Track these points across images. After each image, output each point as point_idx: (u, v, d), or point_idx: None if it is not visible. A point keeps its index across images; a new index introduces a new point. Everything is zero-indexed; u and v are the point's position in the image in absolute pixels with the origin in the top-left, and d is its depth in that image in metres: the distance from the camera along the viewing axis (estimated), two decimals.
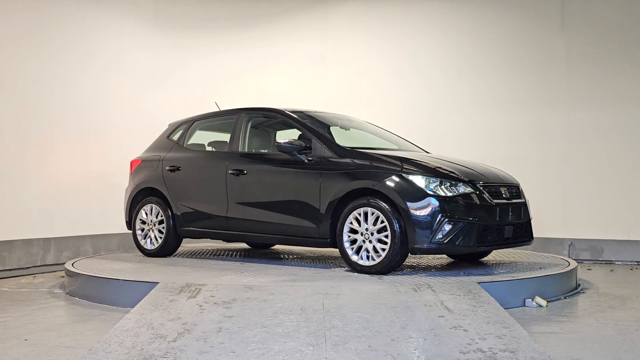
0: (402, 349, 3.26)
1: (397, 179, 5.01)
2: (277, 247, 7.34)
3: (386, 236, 4.96)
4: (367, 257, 5.07)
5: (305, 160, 5.44)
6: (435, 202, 4.88)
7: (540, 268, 5.47)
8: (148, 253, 6.38)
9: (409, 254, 5.13)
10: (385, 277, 4.97)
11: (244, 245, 7.44)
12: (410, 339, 3.41)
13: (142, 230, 6.43)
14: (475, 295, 4.27)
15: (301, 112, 6.03)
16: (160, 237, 6.30)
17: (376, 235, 5.01)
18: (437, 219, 4.86)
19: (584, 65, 7.80)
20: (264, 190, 5.68)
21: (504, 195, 5.31)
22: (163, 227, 6.28)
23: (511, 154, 7.85)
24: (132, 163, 6.73)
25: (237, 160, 5.89)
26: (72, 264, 5.83)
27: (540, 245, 7.51)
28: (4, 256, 6.60)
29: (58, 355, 3.54)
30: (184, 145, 6.42)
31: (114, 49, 7.90)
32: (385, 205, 4.96)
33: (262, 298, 4.20)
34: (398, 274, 5.11)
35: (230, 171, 5.84)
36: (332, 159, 5.35)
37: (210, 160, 6.16)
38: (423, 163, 5.20)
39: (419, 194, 4.92)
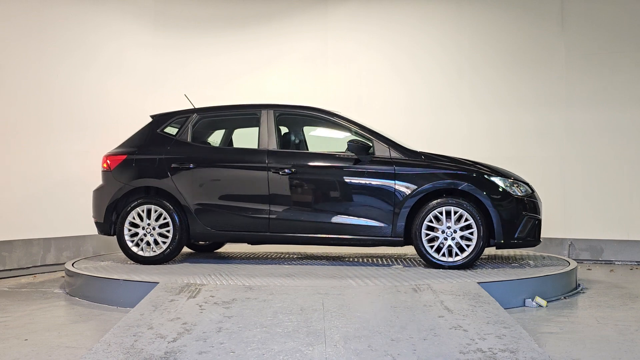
0: (402, 349, 3.26)
1: (481, 180, 5.41)
2: (250, 247, 7.29)
3: (471, 233, 5.31)
4: (449, 254, 5.35)
5: (369, 161, 5.50)
6: (516, 202, 5.40)
7: (549, 261, 5.48)
8: (146, 260, 5.73)
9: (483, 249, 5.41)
10: (386, 278, 4.97)
11: (243, 246, 7.42)
12: (410, 339, 3.41)
13: (135, 235, 5.76)
14: (475, 295, 4.27)
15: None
16: (164, 242, 5.71)
17: (459, 233, 5.33)
18: (520, 217, 5.38)
19: (584, 65, 7.80)
20: (320, 190, 5.58)
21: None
22: (167, 231, 5.71)
23: (511, 153, 7.85)
24: (110, 159, 6.02)
25: (281, 158, 5.66)
26: (72, 264, 5.83)
27: (540, 245, 7.49)
28: (4, 256, 6.60)
29: (58, 355, 3.54)
30: (189, 141, 5.93)
31: (114, 49, 7.90)
32: (470, 204, 5.31)
33: (262, 298, 4.20)
34: (398, 274, 5.11)
35: (273, 170, 5.62)
36: (402, 160, 5.50)
37: (240, 158, 5.79)
38: (488, 165, 5.62)
39: (502, 194, 5.39)
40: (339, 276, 5.06)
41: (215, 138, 6.62)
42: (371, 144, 5.57)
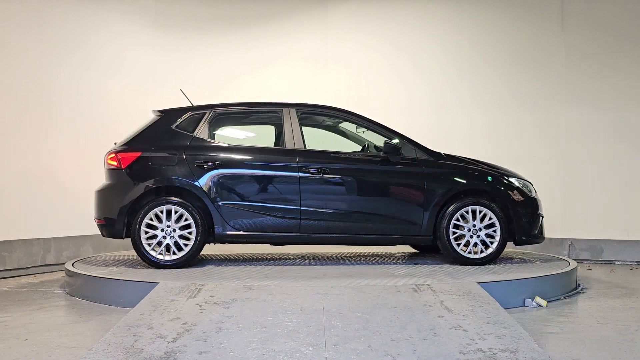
0: (402, 349, 3.26)
1: (502, 181, 5.71)
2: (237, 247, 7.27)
3: (494, 231, 5.57)
4: (474, 251, 5.58)
5: (399, 162, 5.61)
6: (531, 201, 5.75)
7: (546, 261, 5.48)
8: (167, 264, 5.38)
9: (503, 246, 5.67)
10: (386, 277, 4.97)
11: (242, 246, 7.42)
12: (410, 339, 3.41)
13: (154, 237, 5.39)
14: (475, 295, 4.27)
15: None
16: (185, 245, 5.40)
17: (484, 231, 5.57)
18: (535, 215, 5.74)
19: (583, 65, 7.81)
20: (353, 190, 5.60)
21: None
22: (189, 233, 5.40)
23: (511, 153, 7.85)
24: (121, 156, 5.57)
25: (311, 158, 5.58)
26: (72, 264, 5.82)
27: (541, 245, 7.50)
28: (4, 256, 6.60)
29: (58, 355, 3.54)
30: (209, 138, 5.68)
31: (114, 49, 7.90)
32: (495, 203, 5.60)
33: (261, 298, 4.20)
34: (398, 274, 5.12)
35: (304, 170, 5.52)
36: (430, 161, 5.68)
37: (269, 157, 5.60)
38: (494, 166, 5.87)
39: (520, 194, 5.70)
40: (339, 276, 5.05)
41: (233, 135, 6.52)
42: (400, 145, 5.66)
